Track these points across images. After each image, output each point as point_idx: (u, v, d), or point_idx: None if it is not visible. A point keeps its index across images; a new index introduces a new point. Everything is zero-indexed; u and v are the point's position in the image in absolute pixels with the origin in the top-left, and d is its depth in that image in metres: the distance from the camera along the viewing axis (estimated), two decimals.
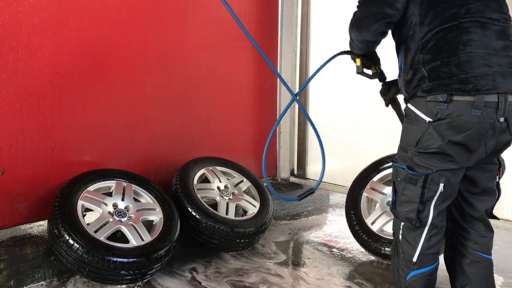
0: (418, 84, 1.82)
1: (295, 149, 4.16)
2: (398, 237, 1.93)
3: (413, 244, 1.88)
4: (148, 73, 3.15)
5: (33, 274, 2.53)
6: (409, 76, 1.86)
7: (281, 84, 4.06)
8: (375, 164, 3.14)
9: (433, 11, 1.80)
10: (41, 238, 2.62)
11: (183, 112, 3.38)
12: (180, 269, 2.78)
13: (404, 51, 1.90)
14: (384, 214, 2.98)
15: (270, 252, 3.10)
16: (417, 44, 1.83)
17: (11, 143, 2.59)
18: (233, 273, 2.76)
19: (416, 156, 1.82)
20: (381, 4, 1.87)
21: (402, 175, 1.87)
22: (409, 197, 1.84)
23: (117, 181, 2.79)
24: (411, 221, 1.86)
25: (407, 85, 1.88)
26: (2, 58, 2.51)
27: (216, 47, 3.53)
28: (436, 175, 1.79)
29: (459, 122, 1.72)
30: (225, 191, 3.19)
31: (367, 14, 1.93)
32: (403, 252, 1.92)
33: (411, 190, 1.83)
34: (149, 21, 3.11)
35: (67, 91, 2.78)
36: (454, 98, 1.72)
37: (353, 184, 3.19)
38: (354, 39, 2.06)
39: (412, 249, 1.88)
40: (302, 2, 3.97)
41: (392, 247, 2.02)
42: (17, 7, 2.54)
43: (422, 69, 1.80)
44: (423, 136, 1.79)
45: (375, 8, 1.89)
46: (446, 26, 1.77)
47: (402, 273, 1.93)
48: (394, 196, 1.92)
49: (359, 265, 2.91)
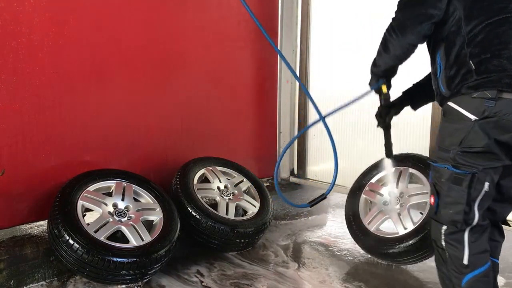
0: (464, 79, 1.76)
1: (295, 149, 4.16)
2: (441, 243, 1.85)
3: (460, 247, 1.80)
4: (148, 73, 3.15)
5: (33, 274, 2.53)
6: (452, 72, 1.81)
7: (281, 84, 4.06)
8: (373, 166, 3.15)
9: (479, 5, 1.76)
10: (41, 238, 2.62)
11: (183, 112, 3.38)
12: (182, 270, 2.78)
13: (445, 47, 1.86)
14: (380, 214, 2.98)
15: (270, 252, 3.10)
16: (462, 39, 1.79)
17: (11, 143, 2.59)
18: (234, 274, 2.76)
19: (459, 155, 1.76)
20: (425, 5, 1.84)
21: (446, 175, 1.79)
22: (455, 198, 1.77)
23: (117, 181, 2.79)
24: (456, 223, 1.78)
25: (450, 82, 1.82)
26: (2, 58, 2.51)
27: (216, 47, 3.53)
28: (482, 174, 1.74)
29: (507, 121, 1.67)
30: (225, 191, 3.19)
31: (411, 16, 1.90)
32: (450, 258, 1.83)
33: (456, 190, 1.76)
34: (149, 21, 3.11)
35: (67, 91, 2.77)
36: (504, 96, 1.67)
37: (352, 187, 3.20)
38: (394, 46, 2.00)
39: (460, 251, 1.80)
40: (302, 2, 3.97)
41: (436, 257, 1.93)
42: (17, 7, 2.54)
43: (470, 62, 1.74)
44: (468, 135, 1.73)
45: (419, 10, 1.86)
46: (496, 19, 1.74)
47: (456, 280, 1.83)
48: (437, 199, 1.83)
49: (359, 265, 2.91)
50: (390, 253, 2.78)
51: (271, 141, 4.10)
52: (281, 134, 4.12)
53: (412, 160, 2.99)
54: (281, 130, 4.12)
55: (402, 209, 2.87)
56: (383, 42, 2.08)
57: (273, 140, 4.11)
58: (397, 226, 2.85)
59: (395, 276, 2.74)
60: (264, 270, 2.81)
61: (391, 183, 2.97)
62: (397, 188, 2.96)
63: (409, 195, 2.91)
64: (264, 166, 4.03)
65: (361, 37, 3.54)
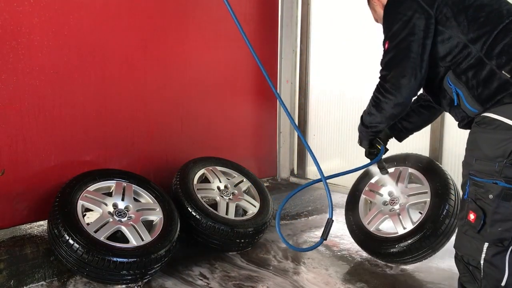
0: (502, 90, 1.70)
1: (295, 149, 4.16)
2: (479, 261, 1.75)
3: (501, 267, 1.71)
4: (148, 73, 3.15)
5: (33, 274, 2.53)
6: (480, 89, 1.75)
7: (281, 84, 4.07)
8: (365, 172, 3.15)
9: (477, 23, 1.78)
10: (41, 238, 2.62)
11: (183, 112, 3.39)
12: (183, 271, 2.78)
13: (458, 73, 1.82)
14: (379, 213, 2.98)
15: (270, 252, 3.10)
16: (477, 57, 1.77)
17: (11, 143, 2.59)
18: (232, 274, 2.76)
19: (507, 168, 1.67)
20: (411, 59, 1.87)
21: (495, 191, 1.69)
22: (505, 215, 1.68)
23: (117, 181, 2.79)
24: (503, 241, 1.70)
25: (481, 99, 1.76)
26: (2, 58, 2.51)
27: (216, 47, 3.53)
28: None
29: None
30: (225, 191, 3.19)
31: (403, 73, 1.91)
32: (486, 278, 1.74)
33: (506, 207, 1.67)
34: (149, 21, 3.11)
35: (67, 91, 2.78)
36: None
37: (352, 188, 3.20)
38: (390, 106, 2.02)
39: (500, 272, 1.71)
40: (302, 2, 3.98)
41: (463, 274, 1.84)
42: (17, 7, 2.54)
43: (502, 73, 1.70)
44: None
45: (409, 64, 1.88)
46: (503, 26, 1.74)
47: None
48: (483, 216, 1.72)
49: (359, 265, 2.91)
50: (389, 252, 2.78)
51: (271, 141, 4.10)
52: (281, 134, 4.12)
53: (411, 160, 2.99)
54: (281, 130, 4.12)
55: (401, 209, 2.87)
56: (375, 105, 2.09)
57: (273, 140, 4.12)
58: (396, 226, 2.85)
59: (395, 276, 2.74)
60: (265, 270, 2.81)
61: (390, 184, 2.97)
62: (396, 187, 2.96)
63: (408, 195, 2.91)
64: (264, 166, 4.04)
65: (361, 37, 3.54)
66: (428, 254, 2.71)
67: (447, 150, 3.18)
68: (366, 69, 2.35)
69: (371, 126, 2.27)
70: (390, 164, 3.02)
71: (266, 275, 2.74)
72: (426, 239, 2.64)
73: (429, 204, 2.75)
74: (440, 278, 2.68)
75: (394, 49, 1.94)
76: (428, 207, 2.74)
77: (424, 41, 1.87)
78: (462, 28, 1.80)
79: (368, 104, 2.19)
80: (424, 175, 2.89)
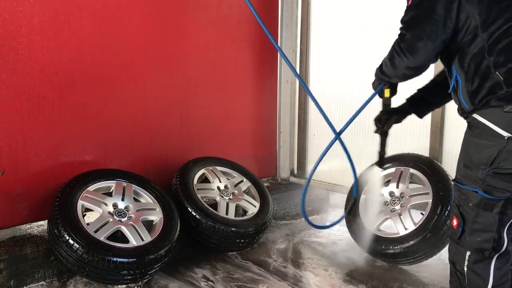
0: (491, 92, 1.58)
1: (295, 149, 4.16)
2: (463, 268, 1.70)
3: (484, 276, 1.65)
4: (148, 73, 3.15)
5: (33, 274, 2.53)
6: (475, 85, 1.63)
7: (281, 84, 4.06)
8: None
9: (497, 7, 1.59)
10: (41, 238, 2.62)
11: (183, 112, 3.38)
12: (184, 272, 2.78)
13: (462, 59, 1.69)
14: (380, 214, 2.98)
15: (271, 252, 3.10)
16: (481, 48, 1.62)
17: (11, 143, 2.59)
18: (235, 275, 2.76)
19: (491, 177, 1.59)
20: (434, 22, 1.66)
21: (475, 199, 1.62)
22: (484, 225, 1.61)
23: (117, 181, 2.79)
24: (483, 251, 1.63)
25: (473, 96, 1.64)
26: (2, 58, 2.51)
27: (216, 47, 3.53)
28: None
29: None
30: (225, 191, 3.19)
31: (421, 35, 1.72)
32: (470, 286, 1.68)
33: (485, 217, 1.60)
34: (149, 21, 3.11)
35: (67, 91, 2.77)
36: None
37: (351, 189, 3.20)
38: (403, 66, 1.85)
39: (484, 281, 1.65)
40: (302, 2, 3.97)
41: (452, 279, 1.79)
42: (17, 7, 2.54)
43: (496, 73, 1.57)
44: (500, 154, 1.56)
45: (429, 27, 1.68)
46: None
47: None
48: (462, 223, 1.66)
49: (358, 265, 2.91)
50: (389, 253, 2.77)
51: (271, 141, 4.10)
52: (281, 134, 4.12)
53: (412, 160, 2.99)
54: (281, 130, 4.12)
55: (403, 210, 2.87)
56: (390, 58, 1.92)
57: (273, 140, 4.11)
58: (397, 226, 2.84)
59: (395, 276, 2.74)
60: (265, 271, 2.80)
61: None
62: (397, 188, 2.96)
63: (410, 195, 2.90)
64: (264, 166, 4.04)
65: (361, 37, 3.54)
66: (429, 255, 2.71)
67: (447, 150, 3.18)
68: (366, 69, 2.33)
69: (385, 74, 2.06)
70: (391, 164, 3.02)
71: (267, 276, 2.73)
72: (428, 240, 2.64)
73: (431, 205, 2.74)
74: (441, 278, 2.68)
75: (416, 7, 1.74)
76: (429, 208, 2.74)
77: (450, 5, 1.66)
78: (481, 7, 1.61)
79: (388, 53, 1.97)
80: (426, 176, 2.88)
